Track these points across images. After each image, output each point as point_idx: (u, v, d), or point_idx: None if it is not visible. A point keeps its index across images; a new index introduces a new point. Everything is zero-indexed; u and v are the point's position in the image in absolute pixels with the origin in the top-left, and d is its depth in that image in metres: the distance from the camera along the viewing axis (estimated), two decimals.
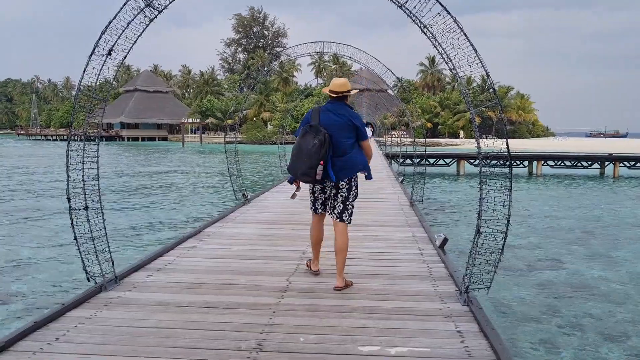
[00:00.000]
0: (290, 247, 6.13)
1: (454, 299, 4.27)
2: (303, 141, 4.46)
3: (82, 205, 4.35)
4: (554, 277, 8.69)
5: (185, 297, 4.25)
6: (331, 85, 4.64)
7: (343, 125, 4.51)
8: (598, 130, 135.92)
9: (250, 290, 4.45)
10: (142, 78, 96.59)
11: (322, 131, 4.42)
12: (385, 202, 10.21)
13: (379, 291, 4.44)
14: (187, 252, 5.88)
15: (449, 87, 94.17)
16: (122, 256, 9.21)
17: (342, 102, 4.63)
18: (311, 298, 4.26)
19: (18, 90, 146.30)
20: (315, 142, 4.38)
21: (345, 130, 4.51)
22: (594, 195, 21.22)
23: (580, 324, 6.59)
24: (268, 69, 14.34)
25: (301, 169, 4.46)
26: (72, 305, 3.95)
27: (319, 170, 4.38)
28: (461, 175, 29.49)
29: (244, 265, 5.28)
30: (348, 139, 4.52)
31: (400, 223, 7.77)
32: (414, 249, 6.09)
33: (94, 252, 4.37)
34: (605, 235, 12.50)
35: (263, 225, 7.51)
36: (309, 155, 4.40)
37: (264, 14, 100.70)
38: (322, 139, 4.38)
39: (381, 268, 5.20)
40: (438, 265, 5.34)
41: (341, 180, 4.55)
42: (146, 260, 5.31)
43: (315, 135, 4.42)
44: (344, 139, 4.50)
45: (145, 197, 18.99)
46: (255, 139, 70.72)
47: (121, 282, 4.64)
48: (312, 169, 4.39)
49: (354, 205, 4.67)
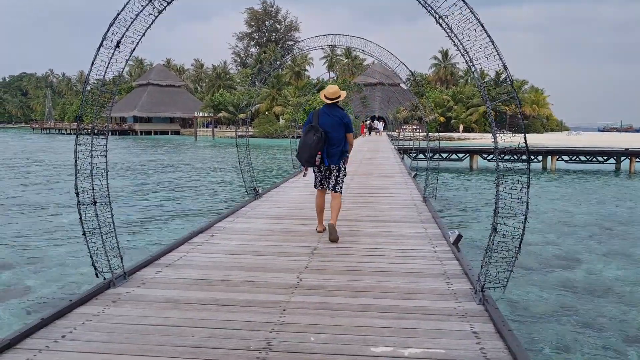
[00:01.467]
0: (301, 243, 6.05)
1: (469, 297, 4.15)
2: (306, 137, 6.13)
3: (91, 200, 4.30)
4: (569, 275, 8.53)
5: (194, 294, 4.19)
6: (326, 92, 6.23)
7: (335, 123, 6.20)
8: (611, 125, 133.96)
9: (260, 287, 4.37)
10: (155, 72, 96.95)
11: (320, 130, 6.10)
12: (398, 197, 10.08)
13: (393, 289, 4.34)
14: (197, 247, 5.82)
15: (462, 80, 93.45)
16: (132, 251, 9.21)
17: (335, 104, 6.29)
18: (322, 296, 4.17)
19: (33, 85, 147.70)
20: (315, 138, 6.06)
21: (337, 127, 6.20)
22: (610, 190, 20.88)
23: (598, 325, 6.44)
24: (280, 62, 14.23)
25: (305, 157, 6.18)
26: (80, 301, 3.90)
27: (317, 158, 6.14)
28: (474, 170, 29.22)
29: (254, 261, 5.21)
30: (339, 133, 6.22)
31: (413, 219, 7.65)
32: (427, 245, 5.97)
33: (102, 248, 4.32)
34: (623, 233, 12.27)
35: (274, 221, 7.43)
36: (310, 148, 6.10)
37: (277, 7, 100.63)
38: (320, 136, 6.08)
39: (394, 265, 5.10)
40: (452, 262, 5.22)
41: (332, 165, 6.29)
42: (156, 256, 5.25)
43: (314, 133, 6.09)
44: (336, 133, 6.20)
45: (156, 191, 19.04)
46: (267, 132, 70.69)
47: (130, 278, 4.59)
48: (312, 157, 6.13)
49: (343, 181, 6.46)
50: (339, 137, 6.18)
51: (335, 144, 6.17)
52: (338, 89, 6.23)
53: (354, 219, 7.58)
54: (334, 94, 6.20)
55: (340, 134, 6.18)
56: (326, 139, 6.12)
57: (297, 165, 16.38)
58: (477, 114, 76.31)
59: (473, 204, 16.43)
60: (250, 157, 10.37)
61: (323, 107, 6.30)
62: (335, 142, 6.16)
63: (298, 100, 68.99)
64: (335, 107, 6.27)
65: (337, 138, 6.17)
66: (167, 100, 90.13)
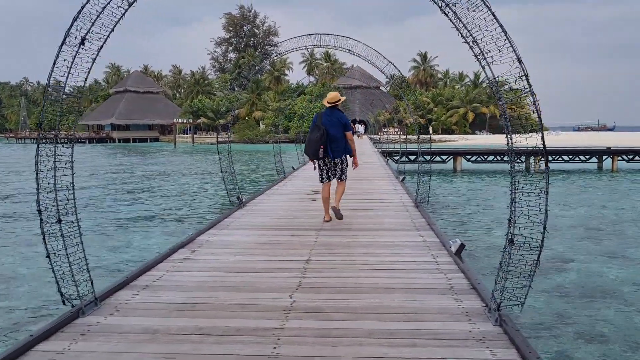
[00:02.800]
0: (291, 256, 5.59)
1: (483, 317, 3.74)
2: (312, 135, 7.39)
3: (55, 217, 3.80)
4: (573, 280, 8.20)
5: (175, 322, 3.70)
6: (327, 98, 7.52)
7: (335, 123, 7.41)
8: (586, 124, 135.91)
9: (249, 311, 3.90)
10: (132, 78, 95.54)
11: (322, 128, 7.32)
12: (388, 202, 9.68)
13: (397, 309, 3.90)
14: (178, 264, 5.32)
15: (441, 83, 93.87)
16: (106, 271, 8.59)
17: (335, 108, 7.54)
18: (320, 320, 3.71)
19: (7, 93, 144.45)
20: (318, 135, 7.30)
21: (337, 126, 7.42)
22: (597, 190, 20.79)
23: (606, 335, 6.08)
24: (259, 68, 13.74)
25: (311, 151, 7.41)
26: (43, 335, 3.38)
27: (320, 152, 7.34)
28: (458, 172, 29.03)
29: (241, 280, 4.73)
30: (339, 132, 7.43)
31: (408, 226, 7.24)
32: (427, 256, 5.56)
33: (69, 272, 3.81)
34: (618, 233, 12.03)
35: (260, 232, 6.96)
36: (314, 143, 7.32)
37: (254, 12, 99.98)
38: (322, 133, 7.30)
39: (395, 280, 4.67)
40: (457, 275, 4.80)
41: (337, 158, 7.50)
42: (131, 277, 4.74)
43: (318, 131, 7.33)
44: (336, 132, 7.41)
45: (132, 203, 18.24)
46: (247, 138, 69.98)
47: (102, 303, 4.08)
48: (317, 151, 7.35)
49: (347, 170, 7.69)
50: (339, 135, 7.39)
51: (337, 140, 7.37)
52: (337, 94, 7.52)
53: (346, 227, 7.15)
54: (334, 99, 7.48)
55: (339, 132, 7.39)
56: (328, 135, 7.29)
57: (282, 170, 15.93)
58: (457, 116, 76.60)
59: (464, 207, 16.11)
60: (232, 163, 9.88)
61: (325, 110, 7.54)
62: (336, 138, 7.37)
63: (278, 105, 68.44)
64: (335, 109, 7.52)
65: (337, 135, 7.38)
66: (145, 107, 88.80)
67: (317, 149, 7.27)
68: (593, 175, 26.39)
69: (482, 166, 30.07)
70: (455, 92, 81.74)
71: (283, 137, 49.17)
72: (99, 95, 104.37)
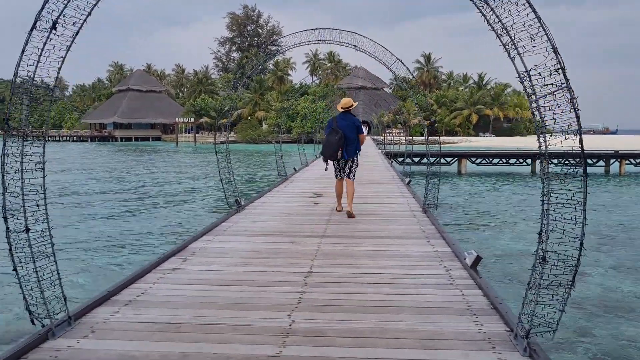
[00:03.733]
0: (290, 267, 5.12)
1: (509, 345, 3.26)
2: (330, 137, 7.93)
3: (22, 226, 3.35)
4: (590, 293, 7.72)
5: (156, 347, 3.24)
6: (341, 103, 8.15)
7: (349, 126, 7.99)
8: (588, 127, 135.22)
9: (241, 335, 3.43)
10: (135, 77, 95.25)
11: (340, 132, 7.89)
12: (395, 207, 9.20)
13: (408, 334, 3.43)
14: (166, 275, 4.86)
15: (445, 84, 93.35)
16: (89, 282, 8.10)
17: (349, 112, 8.13)
18: (321, 346, 3.25)
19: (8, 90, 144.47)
20: (337, 138, 7.86)
21: (351, 129, 7.99)
22: (606, 194, 20.28)
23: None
24: (263, 62, 13.35)
25: (329, 152, 7.97)
26: None
27: (339, 153, 7.91)
28: (462, 174, 28.54)
29: (235, 295, 4.27)
30: (352, 134, 7.99)
31: (416, 234, 6.77)
32: (439, 269, 5.08)
33: (38, 288, 3.36)
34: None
35: (258, 238, 6.49)
36: (333, 144, 7.87)
37: (258, 12, 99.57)
38: (341, 135, 7.86)
39: (405, 297, 4.19)
40: (474, 292, 4.33)
41: (349, 158, 8.02)
42: (114, 290, 4.27)
43: (336, 134, 7.89)
44: (351, 134, 7.97)
45: (124, 205, 17.50)
46: (250, 138, 69.56)
47: (77, 323, 3.62)
48: (336, 152, 7.91)
49: (356, 170, 8.20)
50: (352, 137, 7.96)
51: (351, 142, 7.94)
52: (350, 100, 8.21)
53: (350, 234, 6.69)
54: (347, 104, 8.11)
55: (353, 134, 7.97)
56: (344, 138, 7.87)
57: (283, 172, 15.45)
58: (461, 118, 76.05)
59: (469, 211, 15.63)
60: (231, 165, 9.43)
61: (339, 114, 8.13)
62: (351, 141, 7.94)
63: (281, 105, 68.01)
64: (348, 113, 8.12)
65: (352, 137, 7.96)
66: (147, 106, 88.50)
67: (337, 150, 7.85)
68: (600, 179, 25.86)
69: (487, 169, 29.60)
70: (459, 94, 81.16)
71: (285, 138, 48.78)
72: (101, 94, 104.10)
